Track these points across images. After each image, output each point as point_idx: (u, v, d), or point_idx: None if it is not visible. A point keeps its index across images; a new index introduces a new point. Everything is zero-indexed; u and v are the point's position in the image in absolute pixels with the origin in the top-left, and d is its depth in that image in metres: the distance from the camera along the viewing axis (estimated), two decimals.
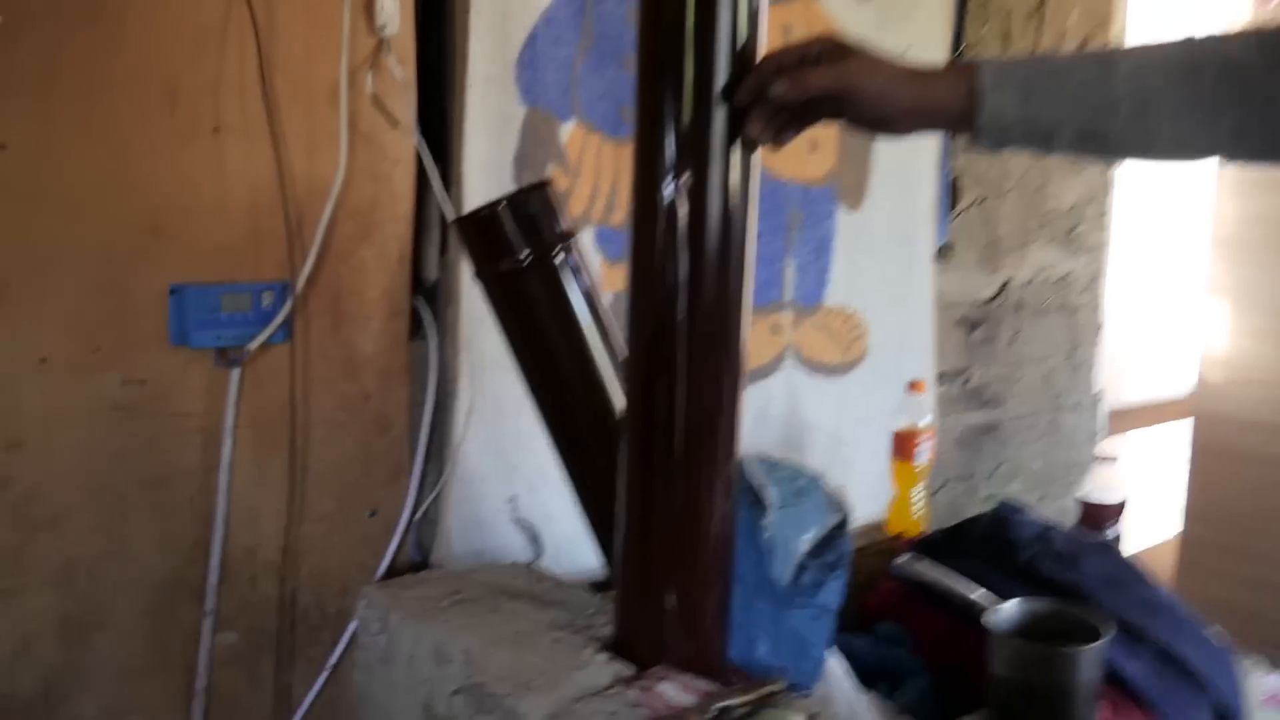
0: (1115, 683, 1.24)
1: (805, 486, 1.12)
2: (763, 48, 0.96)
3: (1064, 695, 1.15)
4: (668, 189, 0.95)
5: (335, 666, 1.38)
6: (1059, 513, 2.13)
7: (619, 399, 1.11)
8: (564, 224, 1.17)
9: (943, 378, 2.11)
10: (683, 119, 0.94)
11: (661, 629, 1.04)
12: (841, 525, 1.11)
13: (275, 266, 1.30)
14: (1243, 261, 2.58)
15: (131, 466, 1.23)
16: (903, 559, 1.43)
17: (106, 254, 1.19)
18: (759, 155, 0.98)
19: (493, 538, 1.51)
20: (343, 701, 1.37)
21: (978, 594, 1.30)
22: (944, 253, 2.06)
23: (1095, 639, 1.16)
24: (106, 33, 1.16)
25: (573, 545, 1.41)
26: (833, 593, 1.09)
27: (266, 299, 1.29)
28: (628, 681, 1.00)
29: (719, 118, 0.94)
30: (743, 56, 0.94)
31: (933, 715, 1.31)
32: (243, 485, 1.30)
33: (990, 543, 1.51)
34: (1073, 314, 2.33)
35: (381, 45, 1.32)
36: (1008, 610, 1.23)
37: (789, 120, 0.94)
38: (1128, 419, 2.70)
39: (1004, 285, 2.19)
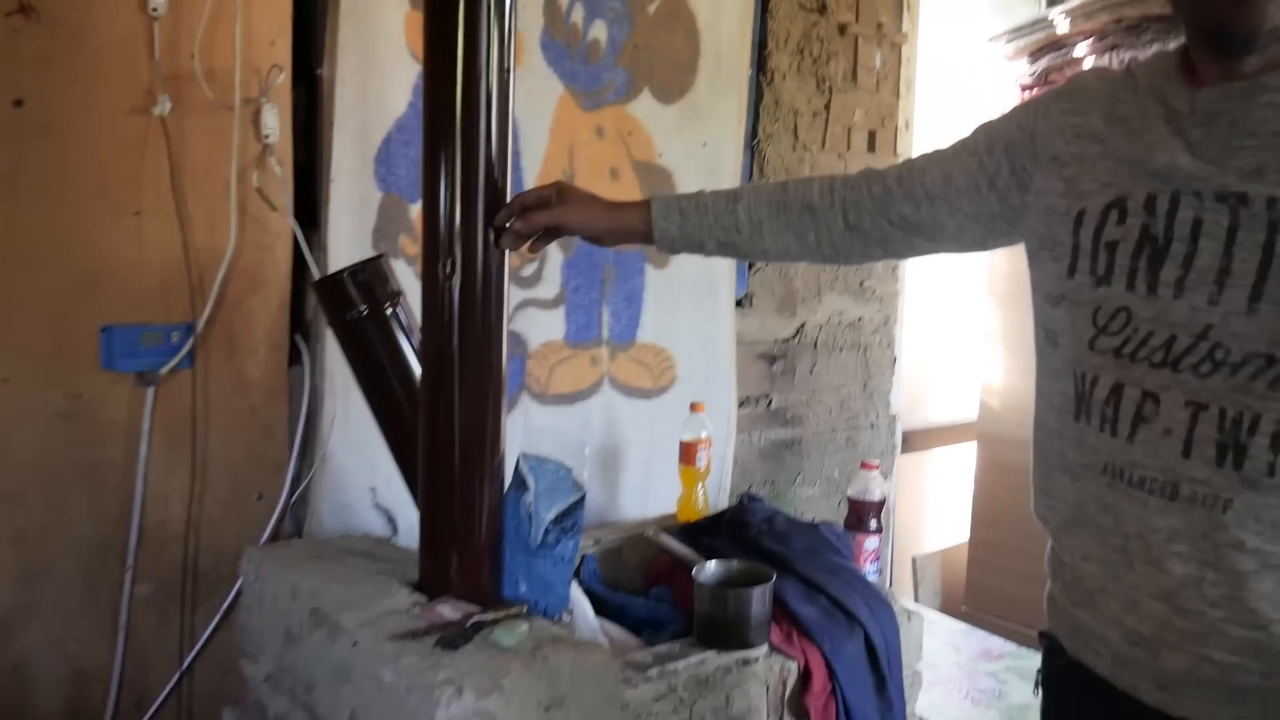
0: (794, 621, 1.71)
1: (558, 476, 1.58)
2: (522, 175, 1.43)
3: (740, 625, 1.63)
4: (445, 264, 1.41)
5: (227, 611, 1.82)
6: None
7: None
8: (393, 286, 1.63)
9: (747, 401, 2.59)
10: (455, 220, 1.40)
11: (449, 574, 1.50)
12: (579, 502, 1.57)
13: (182, 312, 1.75)
14: (1011, 309, 3.09)
15: (71, 459, 1.68)
16: (653, 533, 1.90)
17: (54, 301, 1.64)
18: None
19: (357, 519, 1.95)
20: (232, 636, 1.81)
21: (693, 556, 1.77)
22: (745, 301, 2.55)
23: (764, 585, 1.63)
24: (57, 141, 1.62)
25: None
26: (569, 548, 1.55)
27: (175, 336, 1.74)
28: (420, 606, 1.46)
29: (480, 223, 1.40)
30: (493, 187, 1.40)
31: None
32: (156, 474, 1.75)
33: (733, 524, 2.00)
34: (865, 351, 2.83)
35: (265, 150, 1.78)
36: (709, 567, 1.70)
37: (529, 239, 1.40)
38: (929, 438, 3.19)
39: (801, 327, 2.68)
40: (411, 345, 1.63)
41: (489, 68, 1.40)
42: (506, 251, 1.43)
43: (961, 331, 3.16)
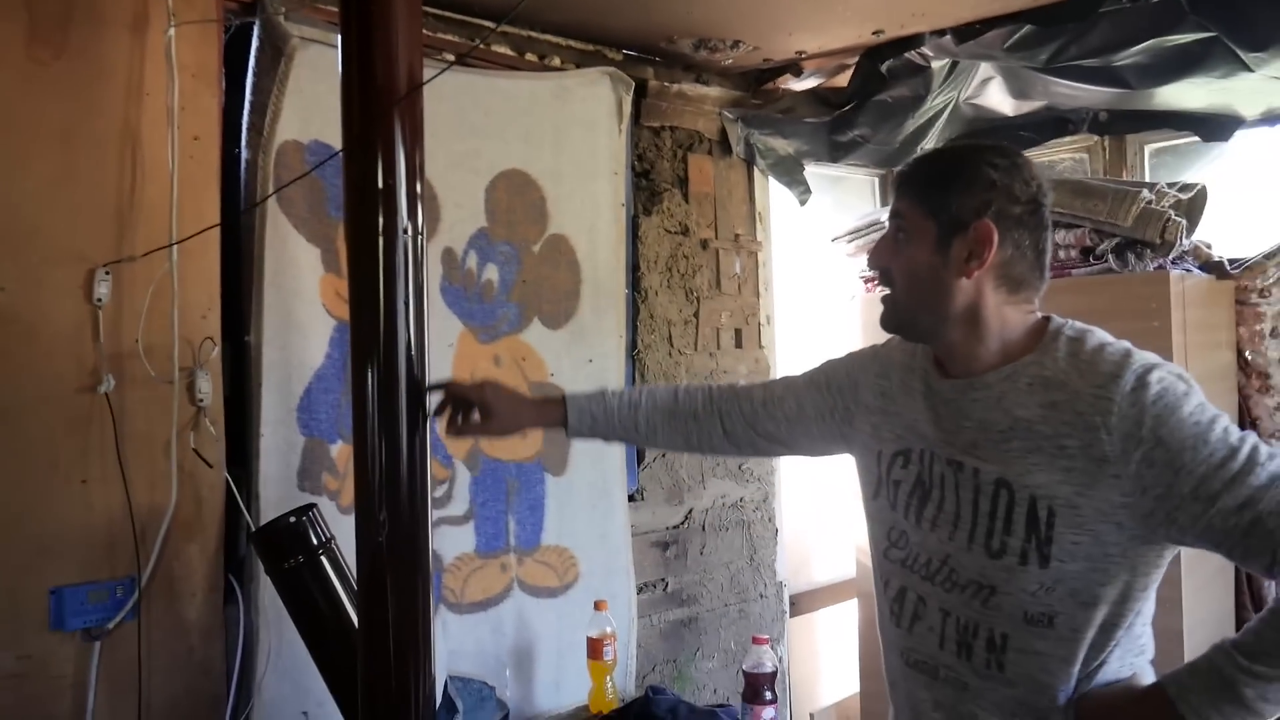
0: None
1: (483, 696, 1.77)
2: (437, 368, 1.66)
3: None
4: (380, 520, 1.61)
5: None
6: None
7: None
8: (324, 533, 1.82)
9: (645, 587, 2.81)
10: (382, 476, 1.61)
11: None
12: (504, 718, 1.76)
13: (126, 566, 1.90)
14: None
15: (21, 716, 1.78)
16: None
17: (6, 568, 1.78)
18: (441, 433, 1.66)
19: None
20: None
21: None
22: (637, 495, 2.80)
23: None
24: (12, 424, 1.79)
25: None
26: None
27: (120, 590, 1.89)
28: None
29: (404, 479, 1.62)
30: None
31: None
32: None
33: (641, 715, 2.19)
34: (749, 527, 3.09)
35: (200, 412, 1.98)
36: None
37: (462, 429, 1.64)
38: (815, 599, 3.44)
39: (689, 513, 2.94)
40: (344, 585, 1.82)
41: (407, 314, 1.61)
42: (430, 497, 1.66)
43: (833, 495, 3.45)
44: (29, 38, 1.83)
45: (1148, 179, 3.30)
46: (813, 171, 3.23)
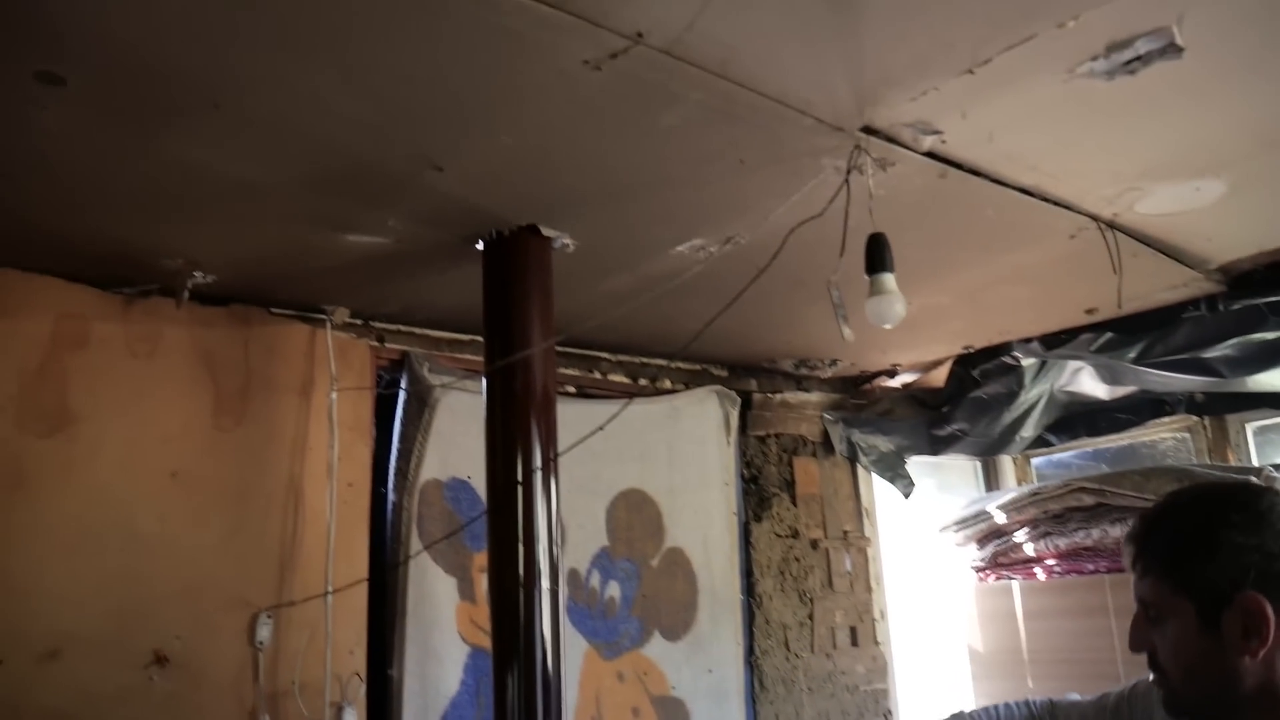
0: None
1: None
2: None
3: None
4: None
5: None
6: None
7: None
8: None
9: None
10: None
11: None
12: None
13: None
14: (989, 676, 3.24)
15: None
16: None
17: None
18: None
19: None
20: None
21: None
22: None
23: None
24: None
25: None
26: None
27: None
28: None
29: None
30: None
31: None
32: None
33: None
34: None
35: None
36: None
37: None
38: None
39: None
40: None
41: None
42: None
43: (951, 692, 3.30)
44: (215, 409, 2.11)
45: (1254, 458, 3.31)
46: (914, 460, 3.34)
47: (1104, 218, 2.00)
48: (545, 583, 1.78)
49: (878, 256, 1.55)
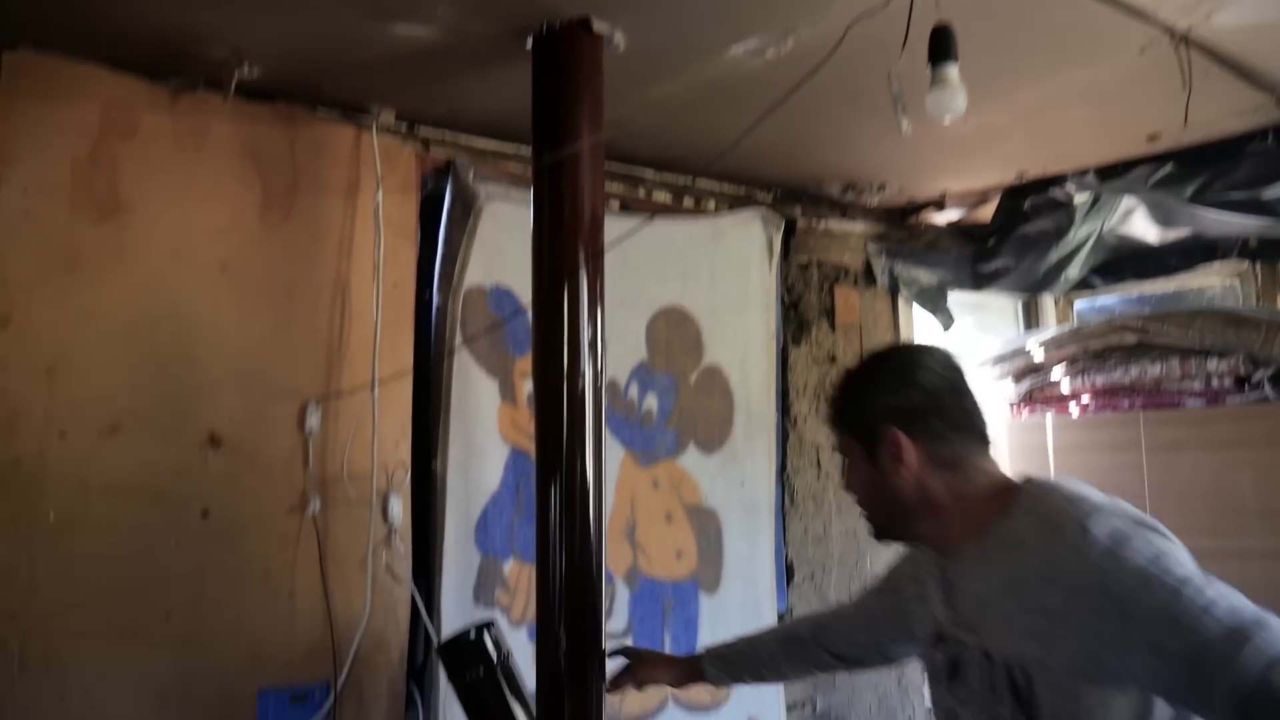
0: None
1: None
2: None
3: None
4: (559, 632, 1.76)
5: None
6: None
7: None
8: (504, 648, 1.97)
9: (794, 706, 2.87)
10: (562, 587, 1.77)
11: None
12: None
13: (323, 671, 2.09)
14: None
15: None
16: None
17: (222, 672, 2.00)
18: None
19: None
20: None
21: None
22: (786, 615, 2.88)
23: None
24: (231, 542, 2.02)
25: None
26: None
27: (317, 694, 2.08)
28: None
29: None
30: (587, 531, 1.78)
31: None
32: None
33: None
34: None
35: (391, 532, 2.18)
36: None
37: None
38: None
39: None
40: (517, 697, 1.96)
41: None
42: (603, 619, 1.81)
43: None
44: (263, 205, 2.13)
45: None
46: (955, 296, 3.32)
47: (1178, 29, 1.92)
48: (589, 389, 1.82)
49: (942, 46, 1.50)
